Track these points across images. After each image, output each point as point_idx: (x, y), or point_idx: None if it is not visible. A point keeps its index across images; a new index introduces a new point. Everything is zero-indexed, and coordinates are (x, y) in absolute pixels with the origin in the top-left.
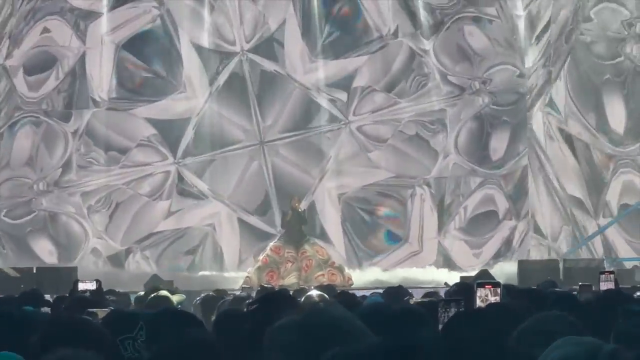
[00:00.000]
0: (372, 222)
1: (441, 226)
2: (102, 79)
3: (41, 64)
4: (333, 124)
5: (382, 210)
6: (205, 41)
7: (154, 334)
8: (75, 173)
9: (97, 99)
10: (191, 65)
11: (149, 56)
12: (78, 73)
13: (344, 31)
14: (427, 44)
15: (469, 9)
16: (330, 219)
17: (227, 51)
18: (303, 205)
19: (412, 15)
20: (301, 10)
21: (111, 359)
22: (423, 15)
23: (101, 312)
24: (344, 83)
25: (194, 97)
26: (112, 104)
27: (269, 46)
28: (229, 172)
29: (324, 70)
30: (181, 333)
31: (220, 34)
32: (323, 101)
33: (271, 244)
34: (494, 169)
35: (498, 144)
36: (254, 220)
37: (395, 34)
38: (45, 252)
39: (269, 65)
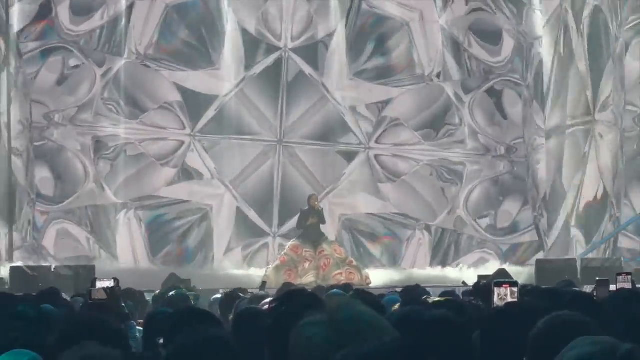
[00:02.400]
0: (365, 252)
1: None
2: (143, 33)
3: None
4: (353, 145)
5: (378, 244)
6: (252, 28)
7: (172, 332)
8: (93, 116)
9: (134, 51)
10: (232, 46)
11: (194, 25)
12: (122, 20)
13: (388, 58)
14: (466, 97)
15: (515, 74)
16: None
17: (270, 43)
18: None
19: (459, 65)
20: (352, 25)
21: (128, 357)
22: (470, 67)
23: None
24: (375, 109)
25: (226, 78)
26: (147, 60)
27: (312, 51)
28: (240, 160)
29: (359, 90)
30: (199, 331)
31: (269, 25)
32: (349, 119)
33: (289, 243)
34: (497, 236)
35: (507, 213)
36: (252, 214)
37: (437, 77)
38: (44, 181)
39: (307, 70)
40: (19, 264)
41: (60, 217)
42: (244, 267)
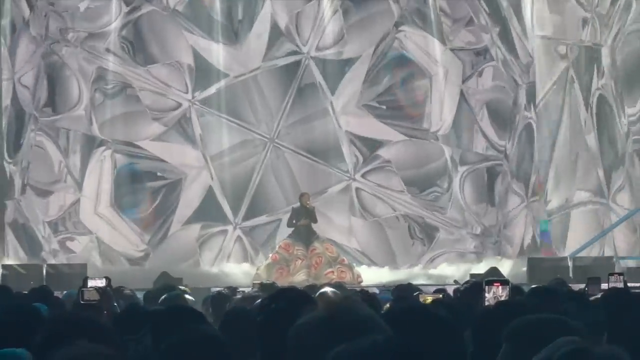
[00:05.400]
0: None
1: None
2: None
3: None
4: (340, 170)
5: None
6: (283, 24)
7: (161, 330)
8: (104, 47)
9: (165, 2)
10: (258, 33)
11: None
12: None
13: (400, 101)
14: (462, 167)
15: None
16: None
17: (294, 45)
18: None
19: (466, 134)
20: (378, 57)
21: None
22: (476, 141)
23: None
24: (371, 144)
25: (243, 61)
26: (175, 15)
27: (332, 67)
28: (228, 143)
29: (362, 121)
30: (189, 330)
31: (300, 26)
32: (344, 145)
33: (281, 240)
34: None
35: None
36: (221, 198)
37: (441, 137)
38: (38, 90)
39: (321, 83)
40: (11, 262)
41: (41, 130)
42: (195, 246)
